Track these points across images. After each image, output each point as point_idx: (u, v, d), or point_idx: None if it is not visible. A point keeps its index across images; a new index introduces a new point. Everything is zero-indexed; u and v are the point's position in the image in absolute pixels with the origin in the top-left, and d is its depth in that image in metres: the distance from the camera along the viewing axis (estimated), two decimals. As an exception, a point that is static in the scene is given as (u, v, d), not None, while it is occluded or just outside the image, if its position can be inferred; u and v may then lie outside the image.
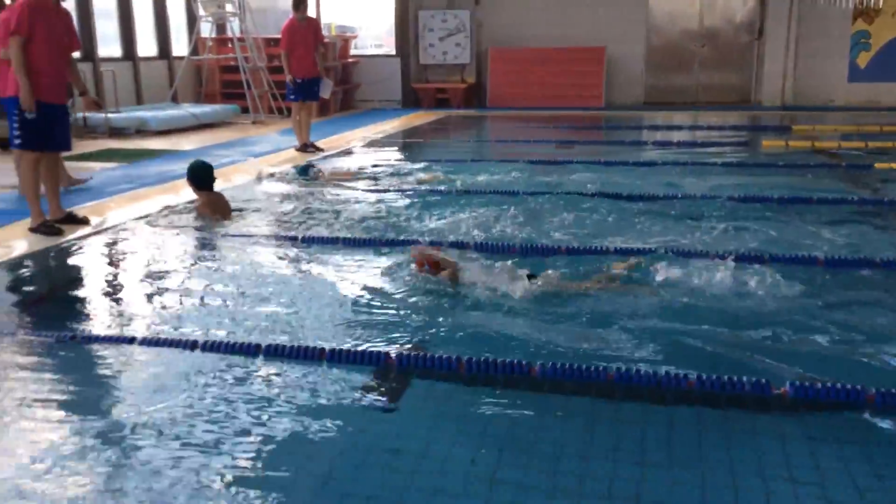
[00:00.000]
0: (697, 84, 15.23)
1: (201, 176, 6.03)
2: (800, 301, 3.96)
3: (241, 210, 6.17)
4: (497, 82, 15.25)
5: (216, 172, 6.17)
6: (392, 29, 15.95)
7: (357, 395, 3.06)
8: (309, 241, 5.20)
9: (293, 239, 5.24)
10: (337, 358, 3.32)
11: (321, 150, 9.73)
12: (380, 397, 3.06)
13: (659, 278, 4.21)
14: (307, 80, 9.71)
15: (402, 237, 5.29)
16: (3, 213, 5.80)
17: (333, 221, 5.87)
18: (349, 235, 5.34)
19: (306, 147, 9.65)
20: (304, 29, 9.65)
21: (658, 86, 15.28)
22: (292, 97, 9.82)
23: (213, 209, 5.89)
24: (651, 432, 2.76)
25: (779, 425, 2.81)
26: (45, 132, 5.55)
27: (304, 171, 7.84)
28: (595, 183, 7.11)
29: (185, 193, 6.51)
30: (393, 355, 3.31)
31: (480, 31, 15.41)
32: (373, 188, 7.14)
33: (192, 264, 4.86)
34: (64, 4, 5.78)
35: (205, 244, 5.26)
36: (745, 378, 3.02)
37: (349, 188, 7.13)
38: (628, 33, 14.92)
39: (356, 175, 7.81)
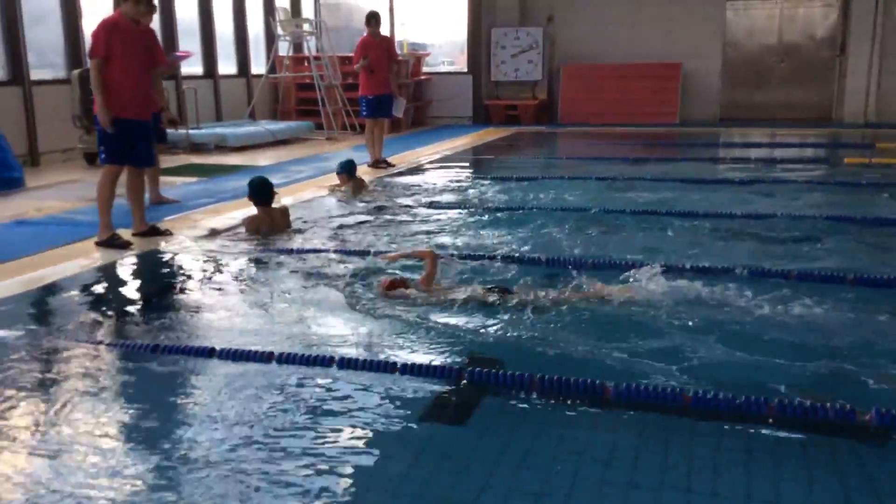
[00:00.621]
0: (775, 101, 14.87)
1: (259, 191, 6.20)
2: (883, 324, 3.81)
3: (303, 227, 6.27)
4: (569, 99, 15.19)
5: (292, 187, 6.30)
6: (463, 46, 16.08)
7: (427, 408, 3.07)
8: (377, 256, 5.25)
9: (362, 253, 5.30)
10: (409, 371, 3.34)
11: (392, 165, 9.84)
12: (450, 412, 3.06)
13: (734, 299, 4.11)
14: (380, 97, 9.79)
15: (469, 251, 5.30)
16: (93, 226, 6.01)
17: (400, 237, 5.92)
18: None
19: (378, 163, 9.77)
20: (378, 46, 9.74)
21: (734, 102, 14.97)
22: (365, 114, 9.94)
23: (267, 223, 6.05)
24: (726, 456, 2.69)
25: (859, 454, 2.71)
26: (126, 148, 5.72)
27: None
28: (668, 201, 7.00)
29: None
30: (464, 370, 3.32)
31: (553, 48, 15.40)
32: (438, 204, 7.18)
33: (260, 278, 4.95)
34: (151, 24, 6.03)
35: (270, 259, 5.36)
36: (828, 404, 2.92)
37: (414, 204, 7.18)
38: (704, 48, 14.68)
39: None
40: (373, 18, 9.80)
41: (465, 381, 3.27)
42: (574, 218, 6.38)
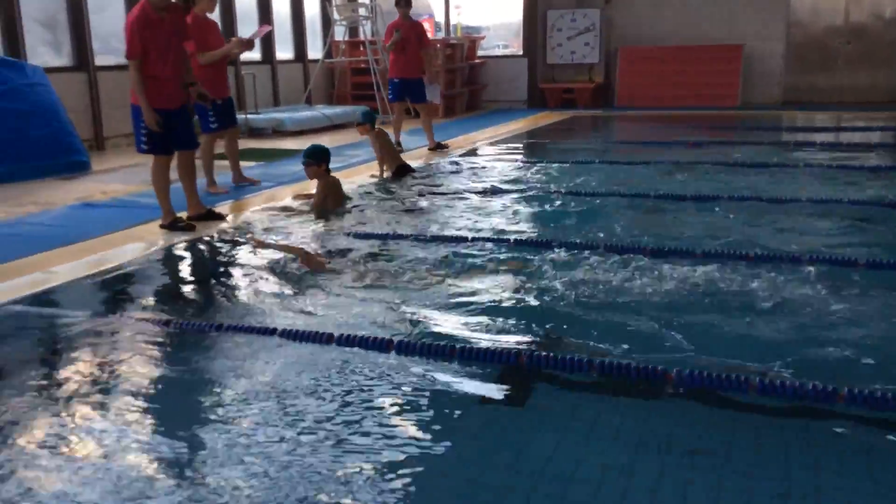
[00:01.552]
0: (841, 83, 14.40)
1: (321, 153, 6.41)
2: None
3: (359, 209, 6.32)
4: (626, 82, 14.95)
5: (347, 171, 6.35)
6: (518, 29, 15.95)
7: (485, 392, 3.07)
8: (434, 240, 5.25)
9: (421, 239, 5.31)
10: (467, 356, 3.34)
11: (445, 146, 9.86)
12: (508, 396, 3.06)
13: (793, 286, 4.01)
14: (406, 80, 9.69)
15: (525, 238, 5.27)
16: (154, 209, 6.14)
17: (453, 220, 5.91)
18: (474, 235, 5.36)
19: (439, 146, 9.76)
20: (409, 29, 9.61)
21: (798, 85, 14.55)
22: (391, 97, 9.91)
23: (333, 194, 6.12)
24: (794, 451, 2.63)
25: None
26: (168, 136, 5.74)
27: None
28: (727, 185, 6.85)
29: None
30: (523, 354, 3.31)
31: (610, 30, 15.16)
32: (492, 188, 7.14)
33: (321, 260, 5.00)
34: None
35: (331, 241, 5.40)
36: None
37: (466, 189, 7.16)
38: (767, 30, 14.28)
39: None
40: (402, 1, 9.65)
41: (523, 364, 3.25)
42: (631, 203, 6.29)
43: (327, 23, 14.52)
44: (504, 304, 4.03)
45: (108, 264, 4.96)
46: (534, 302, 4.05)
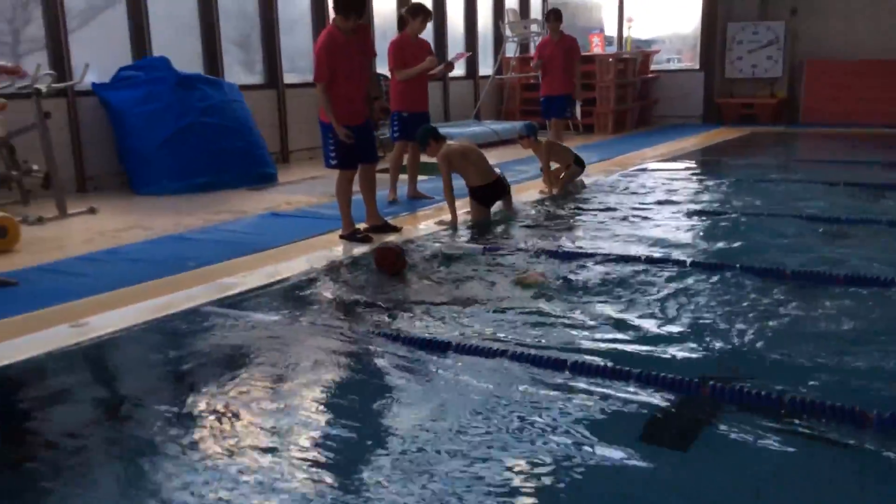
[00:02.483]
0: None
1: (433, 131, 6.80)
2: None
3: (527, 226, 6.32)
4: (813, 97, 14.11)
5: (516, 187, 6.37)
6: (693, 41, 15.46)
7: (650, 426, 2.96)
8: (606, 259, 5.17)
9: (592, 256, 5.25)
10: (645, 380, 3.25)
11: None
12: (675, 433, 2.93)
13: None
14: (552, 97, 9.70)
15: (702, 260, 5.09)
16: (334, 220, 6.44)
17: (623, 238, 5.80)
18: (646, 254, 5.24)
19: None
20: (556, 45, 9.51)
21: None
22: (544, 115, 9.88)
23: (460, 156, 6.56)
24: None
25: None
26: (356, 151, 6.03)
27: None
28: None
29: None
30: (706, 384, 3.18)
31: (795, 43, 14.37)
32: (663, 206, 6.95)
33: (489, 276, 5.05)
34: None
35: (501, 255, 5.45)
36: None
37: (637, 206, 7.00)
38: (977, 40, 13.05)
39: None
40: (551, 14, 9.53)
41: (706, 395, 3.13)
42: (817, 226, 5.93)
43: (499, 40, 14.71)
44: (679, 329, 3.90)
45: (293, 271, 5.23)
46: (713, 328, 3.90)
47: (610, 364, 3.42)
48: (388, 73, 7.89)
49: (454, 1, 13.96)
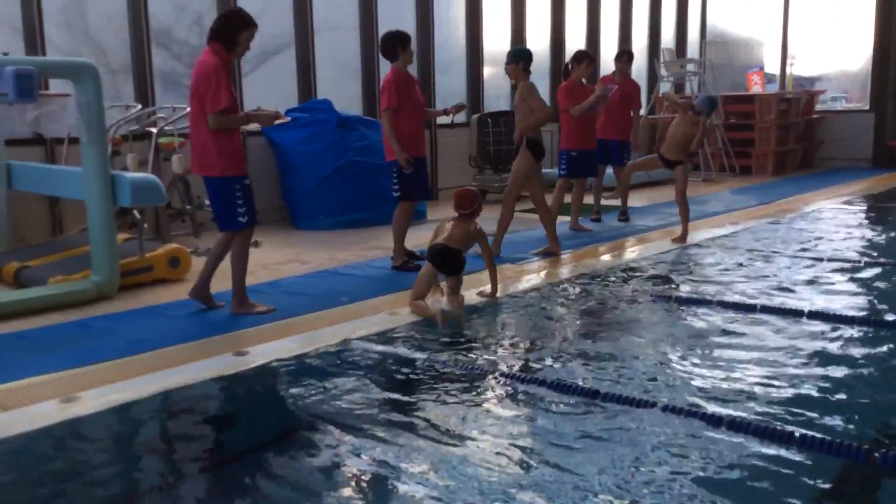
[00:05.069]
0: None
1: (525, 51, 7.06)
2: None
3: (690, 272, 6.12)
4: None
5: (667, 230, 6.18)
6: (860, 78, 14.60)
7: (823, 494, 2.77)
8: (765, 310, 4.93)
9: (751, 309, 5.02)
10: (809, 444, 3.05)
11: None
12: (851, 497, 2.73)
13: None
14: (607, 141, 8.71)
15: (871, 317, 4.74)
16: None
17: (779, 289, 5.51)
18: (809, 309, 4.95)
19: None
20: (618, 87, 8.53)
21: None
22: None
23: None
24: None
25: None
26: (419, 183, 6.53)
27: None
28: None
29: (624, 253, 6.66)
30: (876, 452, 2.94)
31: (981, 81, 13.29)
32: (828, 256, 6.56)
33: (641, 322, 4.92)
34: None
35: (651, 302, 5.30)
36: None
37: (796, 254, 6.63)
38: None
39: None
40: (624, 55, 8.96)
41: (874, 463, 2.90)
42: None
43: (653, 79, 14.47)
44: (846, 393, 3.65)
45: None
46: (884, 392, 3.62)
47: (775, 426, 3.23)
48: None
49: (608, 41, 13.91)
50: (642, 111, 11.56)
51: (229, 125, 5.03)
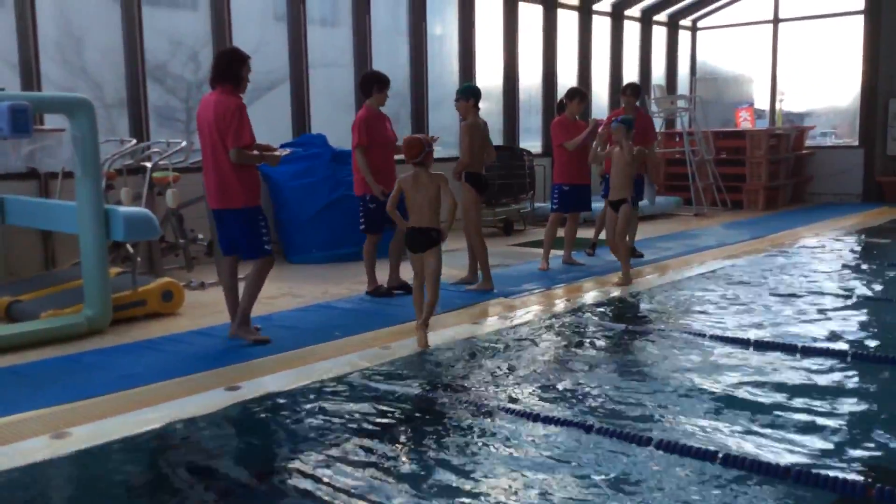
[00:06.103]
0: None
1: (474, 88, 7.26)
2: None
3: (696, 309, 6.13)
4: None
5: (661, 265, 6.21)
6: (848, 115, 14.79)
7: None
8: (759, 346, 4.94)
9: (744, 343, 5.03)
10: (804, 479, 3.04)
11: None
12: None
13: None
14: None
15: (865, 352, 4.75)
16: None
17: (775, 322, 5.53)
18: (803, 344, 4.97)
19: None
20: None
21: None
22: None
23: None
24: None
25: None
26: (383, 217, 6.38)
27: None
28: None
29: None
30: (873, 487, 2.93)
31: (967, 118, 13.47)
32: (818, 290, 6.58)
33: (640, 357, 4.93)
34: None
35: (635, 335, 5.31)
36: None
37: (787, 291, 6.66)
38: None
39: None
40: (629, 88, 8.78)
41: (872, 498, 2.89)
42: None
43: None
44: (842, 426, 3.65)
45: (437, 341, 5.30)
46: (883, 425, 3.62)
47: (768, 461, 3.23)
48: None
49: (600, 76, 14.08)
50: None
51: (248, 161, 5.26)
